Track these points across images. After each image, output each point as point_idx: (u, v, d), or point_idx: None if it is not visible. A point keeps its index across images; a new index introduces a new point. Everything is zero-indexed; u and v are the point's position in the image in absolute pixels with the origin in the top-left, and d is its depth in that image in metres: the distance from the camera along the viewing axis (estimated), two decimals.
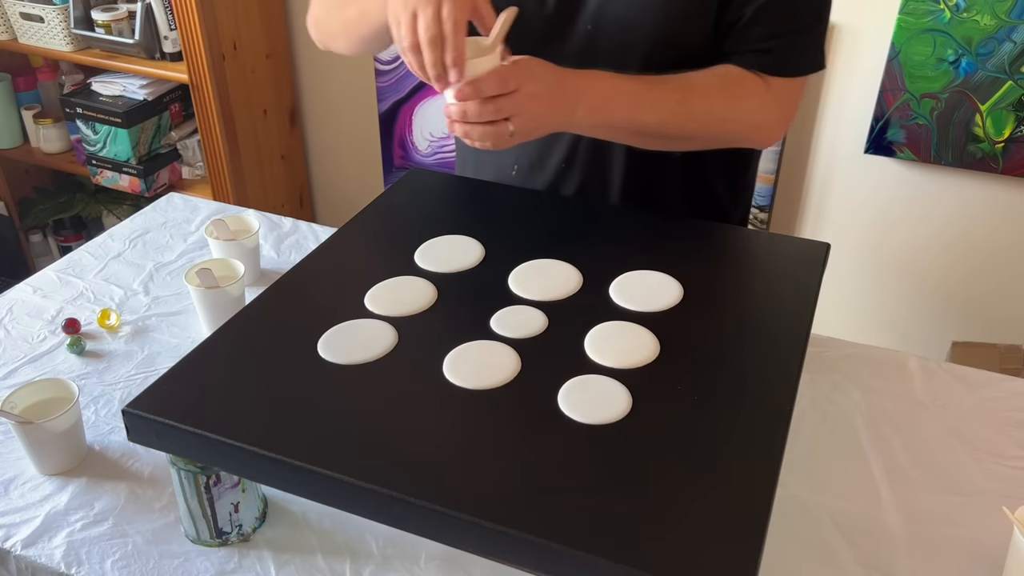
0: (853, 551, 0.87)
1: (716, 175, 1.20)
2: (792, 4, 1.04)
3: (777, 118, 1.10)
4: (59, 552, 0.88)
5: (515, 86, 0.92)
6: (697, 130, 1.06)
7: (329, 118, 2.57)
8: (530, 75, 0.94)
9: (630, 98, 1.01)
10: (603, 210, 1.15)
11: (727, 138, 1.11)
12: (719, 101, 1.05)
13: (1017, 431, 1.01)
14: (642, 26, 1.04)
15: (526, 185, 1.22)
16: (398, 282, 1.00)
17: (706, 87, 1.04)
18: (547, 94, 0.95)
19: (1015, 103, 1.80)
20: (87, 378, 1.11)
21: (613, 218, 1.13)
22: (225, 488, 0.86)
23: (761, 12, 1.02)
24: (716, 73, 1.05)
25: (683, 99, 1.03)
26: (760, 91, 1.06)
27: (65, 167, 2.59)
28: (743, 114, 1.07)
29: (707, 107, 1.05)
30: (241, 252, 1.26)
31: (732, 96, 1.05)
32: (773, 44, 1.04)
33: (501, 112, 0.92)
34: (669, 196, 1.20)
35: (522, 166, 1.21)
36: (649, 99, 1.02)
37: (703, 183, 1.20)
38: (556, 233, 1.10)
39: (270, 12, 2.34)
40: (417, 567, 0.86)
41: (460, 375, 0.85)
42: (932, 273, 2.07)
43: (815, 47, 1.08)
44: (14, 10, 2.32)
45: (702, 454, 0.77)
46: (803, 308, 0.96)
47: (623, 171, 1.16)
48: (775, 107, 1.09)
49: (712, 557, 0.67)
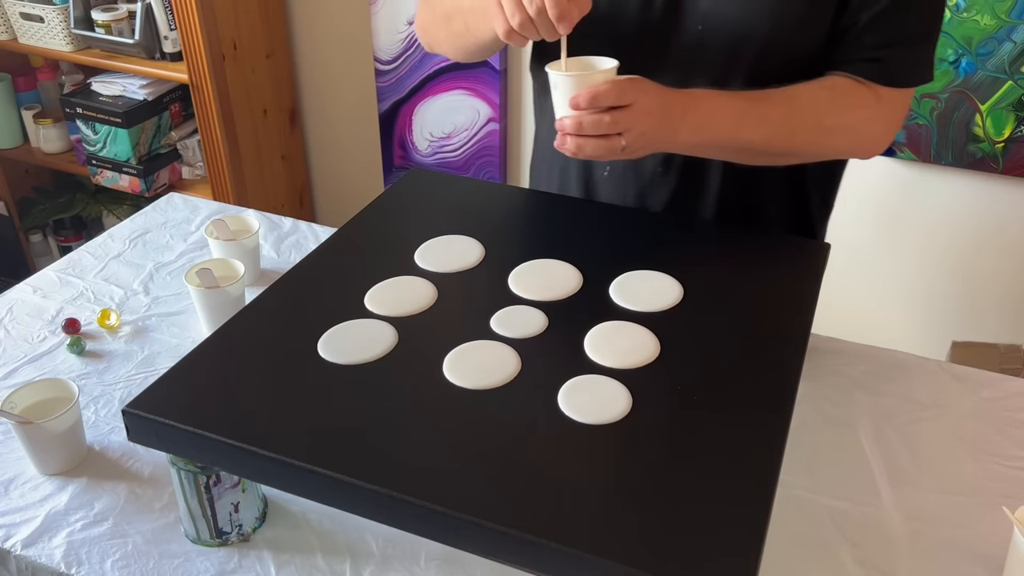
0: (853, 551, 0.87)
1: (813, 188, 1.18)
2: (908, 14, 1.01)
3: (886, 129, 1.08)
4: (59, 552, 0.88)
5: (631, 100, 0.92)
6: (804, 145, 1.05)
7: (329, 118, 2.57)
8: (644, 90, 0.94)
9: (734, 115, 1.00)
10: (603, 210, 1.15)
11: (834, 151, 1.10)
12: (827, 113, 1.03)
13: (1017, 431, 1.01)
14: (755, 29, 1.01)
15: (617, 189, 1.18)
16: (398, 282, 1.00)
17: (812, 100, 1.03)
18: (659, 111, 0.95)
19: (1015, 103, 1.80)
20: (87, 378, 1.11)
21: (613, 218, 1.13)
22: (225, 488, 0.86)
23: (877, 20, 1.00)
24: (822, 85, 1.03)
25: (788, 113, 1.02)
26: (869, 102, 1.04)
27: (65, 167, 2.59)
28: (852, 126, 1.05)
29: (814, 120, 1.03)
30: (241, 252, 1.26)
31: (840, 108, 1.04)
32: (886, 53, 1.02)
33: (617, 125, 0.92)
34: (765, 210, 1.17)
35: (615, 167, 1.16)
36: (754, 115, 1.01)
37: (801, 197, 1.18)
38: (556, 233, 1.10)
39: (270, 12, 2.34)
40: (417, 567, 0.86)
41: (460, 375, 0.85)
42: (932, 273, 2.07)
43: (927, 58, 1.06)
44: (14, 10, 2.32)
45: (702, 454, 0.76)
46: (803, 308, 0.96)
47: (720, 181, 1.13)
48: (884, 118, 1.07)
49: (712, 557, 0.67)
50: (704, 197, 1.15)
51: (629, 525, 0.70)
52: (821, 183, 1.19)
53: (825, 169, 1.16)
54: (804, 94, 1.03)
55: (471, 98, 2.28)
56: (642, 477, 0.74)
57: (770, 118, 1.01)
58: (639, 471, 0.75)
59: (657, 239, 1.08)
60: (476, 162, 2.37)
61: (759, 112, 1.01)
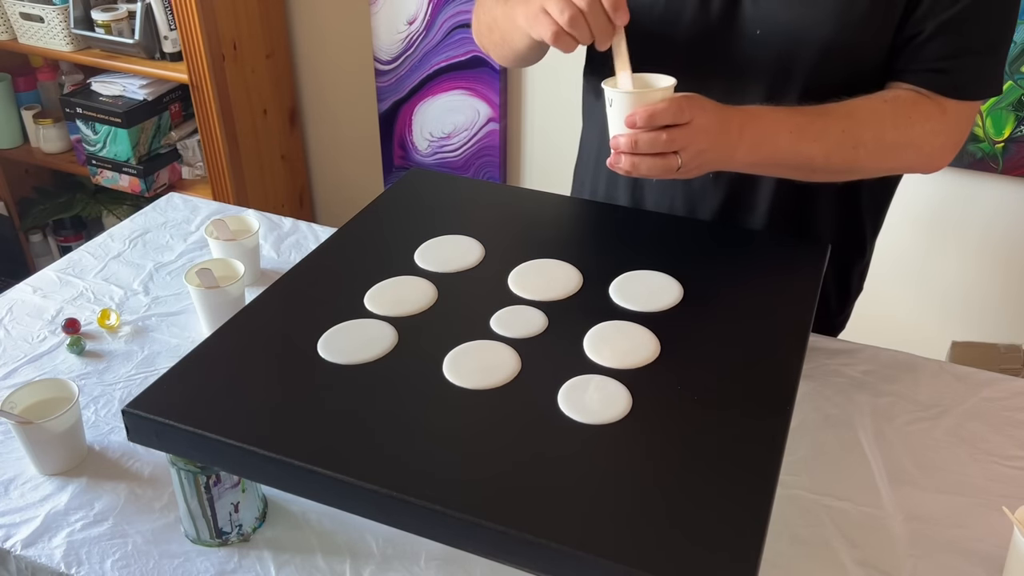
0: (853, 551, 0.87)
1: (866, 204, 1.15)
2: (977, 22, 0.96)
3: (951, 144, 1.03)
4: (59, 552, 0.88)
5: (688, 118, 0.89)
6: (865, 161, 1.00)
7: (329, 118, 2.57)
8: (702, 108, 0.91)
9: (793, 130, 0.96)
10: (603, 210, 1.15)
11: (896, 166, 1.06)
12: (889, 127, 0.98)
13: (1017, 431, 1.01)
14: (813, 32, 0.98)
15: (664, 197, 1.15)
16: (398, 282, 1.00)
17: (873, 113, 0.98)
18: (717, 128, 0.92)
19: (1015, 103, 1.80)
20: (87, 378, 1.11)
21: (612, 218, 1.13)
22: (225, 488, 0.86)
23: (944, 28, 0.96)
24: (884, 98, 0.99)
25: (849, 127, 0.97)
26: (934, 115, 0.99)
27: (65, 167, 2.59)
28: (916, 140, 1.00)
29: (876, 134, 0.98)
30: (241, 252, 1.26)
31: (903, 121, 0.99)
32: (952, 64, 0.98)
33: (674, 144, 0.89)
34: (817, 224, 1.14)
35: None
36: (813, 130, 0.97)
37: (854, 213, 1.15)
38: (556, 233, 1.10)
39: (270, 12, 2.34)
40: (417, 567, 0.86)
41: (460, 375, 0.85)
42: (932, 273, 2.07)
43: (996, 70, 1.00)
44: (14, 10, 2.32)
45: (702, 454, 0.77)
46: (803, 308, 0.96)
47: (772, 193, 1.10)
48: (949, 132, 1.02)
49: (712, 557, 0.67)
50: (754, 208, 1.12)
51: (629, 525, 0.70)
52: (875, 199, 1.16)
53: (880, 185, 1.12)
54: (865, 108, 0.98)
55: (471, 98, 2.28)
56: (642, 477, 0.74)
57: (830, 133, 0.97)
58: (639, 471, 0.75)
59: (657, 239, 1.08)
60: (476, 162, 2.37)
61: (818, 127, 0.97)
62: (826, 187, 1.09)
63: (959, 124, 1.02)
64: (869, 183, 1.10)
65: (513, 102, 2.29)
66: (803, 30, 0.98)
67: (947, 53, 0.98)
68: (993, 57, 1.00)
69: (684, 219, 1.14)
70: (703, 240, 1.09)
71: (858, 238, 1.18)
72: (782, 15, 0.99)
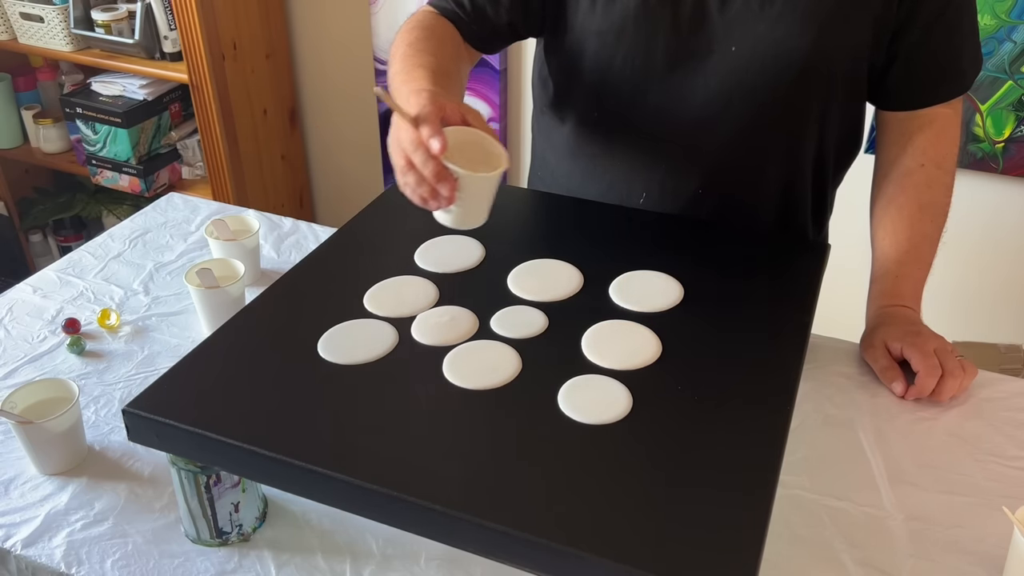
0: (853, 551, 0.87)
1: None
2: (956, 16, 1.05)
3: (960, 123, 1.17)
4: (59, 552, 0.88)
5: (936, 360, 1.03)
6: (950, 195, 1.16)
7: (329, 118, 2.57)
8: (926, 345, 1.04)
9: (923, 267, 1.14)
10: (603, 210, 1.15)
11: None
12: (938, 175, 1.13)
13: (1017, 431, 1.01)
14: (790, 46, 1.01)
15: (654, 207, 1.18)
16: (398, 282, 1.00)
17: (929, 181, 1.13)
18: (929, 333, 1.07)
19: (1015, 103, 1.80)
20: (87, 378, 1.11)
21: (613, 218, 1.13)
22: (225, 488, 0.86)
23: (930, 35, 1.04)
24: (920, 161, 1.12)
25: (934, 215, 1.14)
26: (954, 122, 1.13)
27: (65, 167, 2.59)
28: (952, 150, 1.14)
29: (944, 190, 1.14)
30: (241, 252, 1.26)
31: (941, 156, 1.12)
32: (953, 64, 1.08)
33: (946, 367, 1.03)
34: (804, 227, 1.23)
35: (651, 193, 1.16)
36: (924, 249, 1.14)
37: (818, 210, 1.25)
38: (556, 233, 1.10)
39: (270, 12, 2.34)
40: (417, 567, 0.86)
41: (460, 375, 0.85)
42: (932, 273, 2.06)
43: (978, 50, 1.10)
44: (14, 10, 2.32)
45: (702, 454, 0.77)
46: (803, 308, 0.96)
47: (760, 202, 1.16)
48: (958, 116, 1.15)
49: (712, 557, 0.67)
50: (753, 223, 1.18)
51: (629, 525, 0.70)
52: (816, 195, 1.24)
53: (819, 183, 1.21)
54: (922, 185, 1.12)
55: (471, 98, 2.28)
56: (642, 477, 0.74)
57: (929, 234, 1.14)
58: (639, 471, 0.75)
59: (657, 239, 1.08)
60: None
61: (925, 248, 1.14)
62: (815, 197, 1.20)
63: (959, 104, 1.15)
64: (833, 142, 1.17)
65: (513, 102, 2.29)
66: (778, 43, 1.01)
67: (947, 54, 1.03)
68: (975, 39, 1.09)
69: (684, 219, 1.14)
70: (703, 240, 1.09)
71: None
72: (755, 30, 1.01)
